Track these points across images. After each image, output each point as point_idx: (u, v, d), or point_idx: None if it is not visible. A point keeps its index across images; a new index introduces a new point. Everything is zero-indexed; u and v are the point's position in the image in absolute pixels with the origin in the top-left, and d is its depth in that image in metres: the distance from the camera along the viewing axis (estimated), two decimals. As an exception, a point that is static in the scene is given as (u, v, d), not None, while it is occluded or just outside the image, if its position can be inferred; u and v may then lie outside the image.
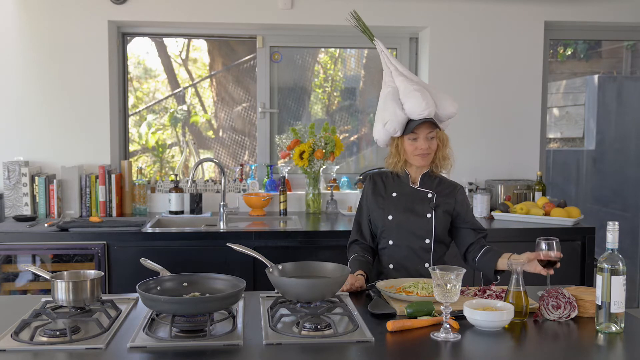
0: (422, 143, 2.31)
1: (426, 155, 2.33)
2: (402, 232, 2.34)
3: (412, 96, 2.29)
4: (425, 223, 2.33)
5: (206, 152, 4.22)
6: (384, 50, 2.51)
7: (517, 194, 3.71)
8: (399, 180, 2.41)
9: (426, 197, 2.37)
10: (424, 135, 2.31)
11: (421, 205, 2.35)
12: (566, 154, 4.93)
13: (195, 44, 4.22)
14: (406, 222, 2.34)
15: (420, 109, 2.27)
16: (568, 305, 1.84)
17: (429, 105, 2.27)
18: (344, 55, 4.25)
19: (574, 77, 4.79)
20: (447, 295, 1.70)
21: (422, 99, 2.27)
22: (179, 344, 1.61)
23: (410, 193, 2.38)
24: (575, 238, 3.27)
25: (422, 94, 2.29)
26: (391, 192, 2.40)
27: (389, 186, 2.41)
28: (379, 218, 2.38)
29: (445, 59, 3.84)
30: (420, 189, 2.39)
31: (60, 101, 3.63)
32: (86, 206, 3.55)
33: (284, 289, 1.87)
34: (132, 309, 1.93)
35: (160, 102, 4.22)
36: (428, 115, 2.29)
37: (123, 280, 3.02)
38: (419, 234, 2.33)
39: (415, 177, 2.41)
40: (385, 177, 2.44)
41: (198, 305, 1.71)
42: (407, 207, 2.36)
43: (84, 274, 1.92)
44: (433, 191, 2.38)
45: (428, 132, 2.31)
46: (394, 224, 2.35)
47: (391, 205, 2.37)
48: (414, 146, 2.32)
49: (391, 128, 2.32)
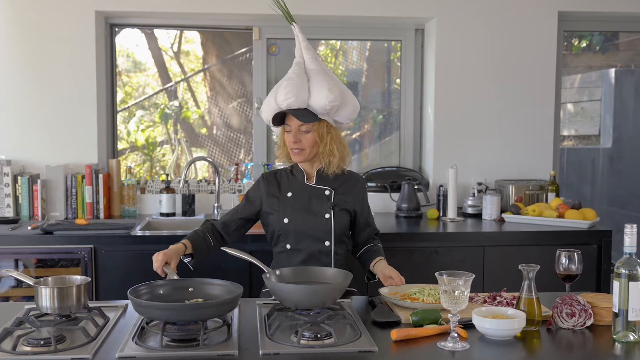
0: (291, 137, 2.33)
1: (300, 151, 2.33)
2: (299, 236, 2.32)
3: (281, 85, 2.33)
4: (323, 224, 2.32)
5: (199, 151, 4.22)
6: (299, 34, 2.50)
7: (529, 194, 3.71)
8: (294, 178, 2.40)
9: (323, 194, 2.36)
10: (295, 128, 2.32)
11: (319, 204, 2.34)
12: (581, 152, 4.94)
13: (187, 35, 4.22)
14: (303, 224, 2.32)
15: (280, 99, 2.30)
16: (583, 312, 1.84)
17: (289, 95, 2.28)
18: (346, 47, 4.25)
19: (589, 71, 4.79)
20: (454, 302, 1.70)
21: (284, 88, 2.29)
22: (170, 353, 1.61)
23: (306, 192, 2.37)
24: (591, 242, 3.27)
25: (289, 83, 2.30)
26: (286, 192, 2.37)
27: (283, 186, 2.39)
28: (274, 222, 2.35)
29: (452, 52, 3.84)
30: (316, 186, 2.37)
31: (44, 96, 3.63)
32: (72, 208, 3.55)
33: (281, 295, 1.87)
34: (121, 317, 1.93)
35: (150, 97, 4.22)
36: (288, 105, 2.29)
37: (111, 287, 3.03)
38: (318, 236, 2.32)
39: (311, 173, 2.40)
40: (279, 176, 2.42)
41: (193, 311, 1.71)
42: (303, 208, 2.34)
43: (69, 279, 1.92)
44: (330, 188, 2.36)
45: (300, 124, 2.31)
46: (290, 227, 2.32)
47: (287, 206, 2.34)
48: (288, 138, 2.35)
49: (264, 116, 2.41)
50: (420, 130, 4.10)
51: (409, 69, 4.06)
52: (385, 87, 4.23)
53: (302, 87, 2.31)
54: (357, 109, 2.43)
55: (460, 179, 3.70)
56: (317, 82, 2.34)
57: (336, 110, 2.35)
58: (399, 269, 2.45)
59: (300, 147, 2.33)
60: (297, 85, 2.31)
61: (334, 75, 2.44)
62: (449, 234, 3.28)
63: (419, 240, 3.23)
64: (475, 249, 3.21)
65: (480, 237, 3.27)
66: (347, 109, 2.37)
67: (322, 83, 2.33)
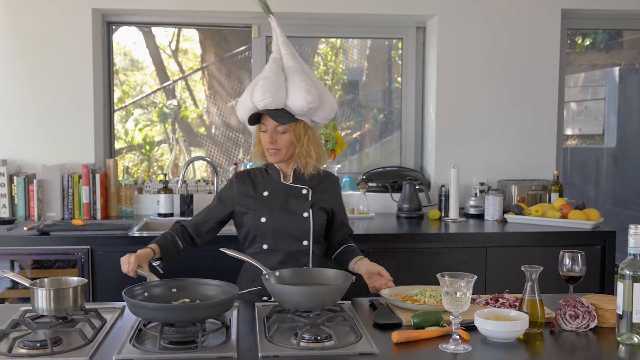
0: (267, 137, 2.32)
1: (276, 152, 2.32)
2: (277, 235, 2.30)
3: (258, 84, 2.30)
4: (302, 223, 2.31)
5: (197, 150, 4.22)
6: (276, 28, 2.46)
7: (531, 195, 3.71)
8: (269, 177, 2.39)
9: (301, 193, 2.35)
10: (271, 128, 2.31)
11: (296, 203, 2.33)
12: (585, 152, 4.94)
13: (185, 33, 4.22)
14: (282, 223, 2.30)
15: (257, 99, 2.28)
16: (587, 314, 1.84)
17: (266, 95, 2.25)
18: (346, 45, 4.25)
19: (593, 70, 4.79)
20: (456, 304, 1.70)
21: (260, 88, 2.27)
22: (168, 356, 1.61)
23: (283, 191, 2.35)
24: (595, 242, 3.27)
25: (266, 82, 2.27)
26: (262, 191, 2.35)
27: (259, 185, 2.37)
28: (250, 221, 2.32)
29: (454, 50, 3.84)
30: (293, 185, 2.37)
31: (40, 95, 3.62)
32: (68, 208, 3.55)
33: (281, 297, 1.87)
34: (118, 319, 1.93)
35: (148, 96, 4.22)
36: (265, 106, 2.27)
37: (108, 288, 3.02)
38: (296, 236, 2.30)
39: (287, 171, 2.39)
40: (253, 175, 2.40)
41: (188, 312, 1.71)
42: (281, 207, 2.32)
43: (66, 281, 1.92)
44: (308, 187, 2.36)
45: (276, 125, 2.30)
46: (268, 226, 2.30)
47: (263, 206, 2.32)
48: (264, 138, 2.34)
49: (239, 115, 2.39)
50: (422, 130, 4.10)
51: (410, 68, 4.06)
52: (386, 85, 4.23)
53: (280, 87, 2.29)
54: (335, 110, 2.42)
55: (462, 178, 3.70)
56: (295, 81, 2.31)
57: (314, 111, 2.33)
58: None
59: (276, 148, 2.32)
60: (274, 84, 2.28)
61: (312, 74, 2.42)
62: (451, 234, 3.28)
63: (420, 241, 3.23)
64: (477, 249, 3.21)
65: (482, 237, 3.27)
66: (324, 109, 2.36)
67: (300, 83, 2.30)
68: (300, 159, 2.34)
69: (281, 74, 2.34)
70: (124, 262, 2.08)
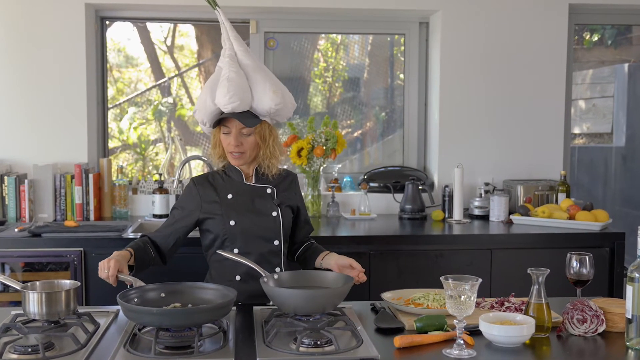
0: (232, 140, 2.29)
1: (240, 155, 2.31)
2: (248, 237, 2.30)
3: (221, 85, 2.27)
4: (272, 223, 2.32)
5: (194, 149, 4.22)
6: (225, 22, 2.44)
7: (538, 195, 3.71)
8: (230, 179, 2.38)
9: (265, 193, 2.36)
10: (236, 131, 2.29)
11: (263, 203, 2.34)
12: (593, 151, 4.94)
13: (181, 29, 4.22)
14: (251, 225, 2.30)
15: (224, 102, 2.25)
16: (595, 318, 1.84)
17: (234, 99, 2.23)
18: (347, 41, 4.25)
19: (601, 66, 4.79)
20: (460, 307, 1.70)
21: (227, 91, 2.24)
22: (163, 361, 1.61)
23: (247, 192, 2.35)
24: (603, 244, 3.27)
25: (232, 84, 2.25)
26: (225, 194, 2.34)
27: (220, 188, 2.35)
28: (217, 226, 2.31)
29: (458, 46, 3.84)
30: (257, 185, 2.37)
31: (32, 93, 3.63)
32: (61, 209, 3.55)
33: (280, 300, 1.87)
34: (112, 323, 1.93)
35: (143, 93, 4.22)
36: (232, 109, 2.26)
37: (102, 291, 3.02)
38: (267, 236, 2.32)
39: (248, 172, 2.39)
40: (212, 179, 2.38)
41: (184, 316, 1.71)
42: (248, 208, 2.32)
43: (58, 284, 1.92)
44: (272, 186, 2.38)
45: (241, 127, 2.29)
46: (237, 229, 2.29)
47: (230, 209, 2.31)
48: (226, 141, 2.32)
49: (199, 118, 2.36)
50: (425, 128, 4.10)
51: (413, 64, 4.06)
52: (388, 83, 4.23)
53: (245, 88, 2.28)
54: (295, 107, 2.43)
55: (467, 179, 3.70)
56: (258, 82, 2.31)
57: (279, 111, 2.34)
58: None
59: (241, 151, 2.31)
60: (239, 86, 2.26)
61: (269, 71, 2.42)
62: (455, 236, 3.28)
63: (424, 242, 3.23)
64: (482, 252, 3.21)
65: (487, 239, 3.27)
66: (287, 108, 2.37)
67: (264, 84, 2.30)
68: (264, 160, 2.36)
69: (242, 73, 2.33)
70: (102, 268, 2.02)
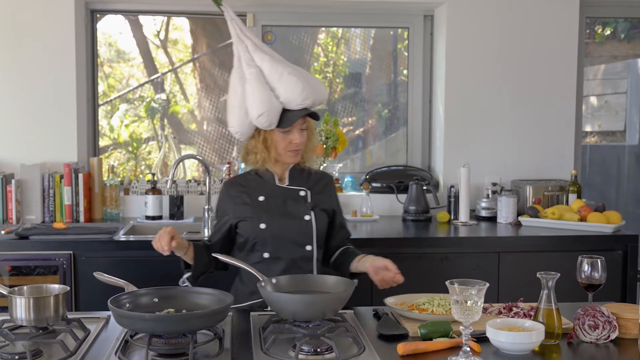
0: (297, 137, 2.28)
1: (299, 151, 2.32)
2: (279, 242, 2.29)
3: (289, 82, 2.25)
4: (304, 227, 2.30)
5: (188, 148, 4.22)
6: (234, 18, 2.45)
7: (548, 196, 3.71)
8: (262, 181, 2.36)
9: (299, 195, 2.34)
10: (298, 127, 2.29)
11: (296, 206, 2.32)
12: (605, 149, 4.93)
13: (175, 22, 4.23)
14: (283, 229, 2.29)
15: (300, 99, 2.24)
16: (607, 325, 1.84)
17: (309, 94, 2.24)
18: (348, 35, 4.25)
19: (614, 61, 4.79)
20: (467, 313, 1.70)
21: (302, 86, 2.24)
22: (156, 369, 1.62)
23: (280, 194, 2.34)
24: (616, 247, 3.27)
25: (300, 80, 2.25)
26: (257, 196, 2.33)
27: (252, 190, 2.35)
28: (247, 229, 2.31)
29: (464, 40, 3.84)
30: (290, 187, 2.36)
31: (19, 89, 3.62)
32: (49, 210, 3.55)
33: (278, 306, 1.87)
34: (103, 329, 1.93)
35: (135, 89, 4.22)
36: (309, 104, 2.27)
37: (92, 296, 3.02)
38: (299, 241, 2.30)
39: (282, 174, 2.38)
40: (244, 181, 2.38)
41: (178, 322, 1.71)
42: (280, 211, 2.31)
43: (46, 288, 1.92)
44: (306, 188, 2.36)
45: (302, 123, 2.30)
46: (268, 233, 2.28)
47: (261, 212, 2.30)
48: (287, 140, 2.28)
49: (266, 122, 2.26)
50: (430, 126, 4.10)
51: (417, 59, 4.06)
52: (391, 78, 4.23)
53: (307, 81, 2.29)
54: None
55: (473, 178, 3.70)
56: (305, 74, 2.35)
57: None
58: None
59: (301, 148, 2.32)
60: (307, 80, 2.28)
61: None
62: (461, 238, 3.28)
63: (428, 245, 3.23)
64: (489, 255, 3.21)
65: (494, 242, 3.27)
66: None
67: (312, 76, 2.35)
68: (308, 154, 2.37)
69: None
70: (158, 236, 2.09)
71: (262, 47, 2.38)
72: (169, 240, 2.08)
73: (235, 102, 2.32)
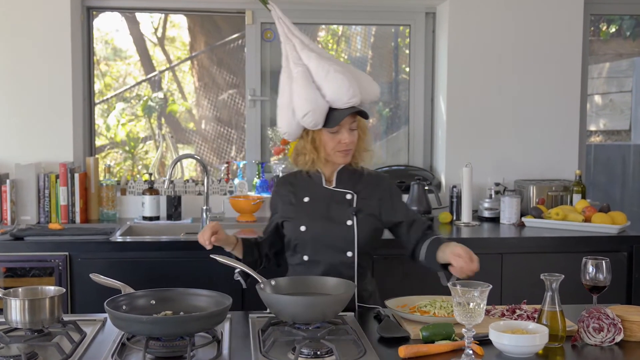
0: (347, 136, 2.24)
1: (349, 151, 2.28)
2: (318, 246, 2.27)
3: (335, 79, 2.22)
4: (345, 232, 2.26)
5: (186, 148, 4.22)
6: (282, 17, 2.43)
7: (552, 196, 3.71)
8: (311, 180, 2.34)
9: (345, 199, 2.30)
10: (347, 127, 2.25)
11: (339, 210, 2.29)
12: (610, 149, 4.94)
13: (173, 19, 4.23)
14: (323, 232, 2.26)
15: (347, 96, 2.21)
16: (612, 327, 1.84)
17: (356, 91, 2.22)
18: (349, 33, 4.25)
19: (619, 59, 4.79)
20: (469, 315, 1.70)
21: (348, 83, 2.21)
22: (153, 373, 1.62)
23: (325, 196, 2.31)
24: (621, 248, 3.27)
25: (347, 77, 2.23)
26: (302, 196, 2.32)
27: (300, 190, 2.34)
28: (290, 230, 2.30)
29: (467, 38, 3.84)
30: (337, 189, 2.32)
31: (13, 87, 3.62)
32: (45, 211, 3.55)
33: (277, 308, 1.87)
34: (99, 332, 1.93)
35: (132, 88, 4.22)
36: (355, 102, 2.24)
37: (88, 298, 3.02)
38: (339, 246, 2.26)
39: (330, 175, 2.34)
40: (295, 179, 2.37)
41: (176, 325, 1.71)
42: (322, 214, 2.28)
43: (42, 290, 1.92)
44: (353, 191, 2.31)
45: (352, 121, 2.26)
46: (308, 235, 2.27)
47: (303, 213, 2.30)
48: (336, 140, 2.25)
49: (312, 121, 2.23)
50: (431, 125, 4.10)
51: (419, 57, 4.06)
52: (392, 77, 4.23)
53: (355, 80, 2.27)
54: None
55: (476, 178, 3.70)
56: (358, 73, 2.34)
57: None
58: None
59: (351, 147, 2.28)
60: (354, 78, 2.26)
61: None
62: (463, 239, 3.27)
63: (430, 246, 3.23)
64: (492, 256, 3.21)
65: (497, 243, 3.27)
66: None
67: (362, 73, 2.35)
68: (361, 154, 2.33)
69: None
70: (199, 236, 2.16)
71: (309, 45, 2.35)
72: (210, 235, 2.13)
73: (283, 102, 2.31)
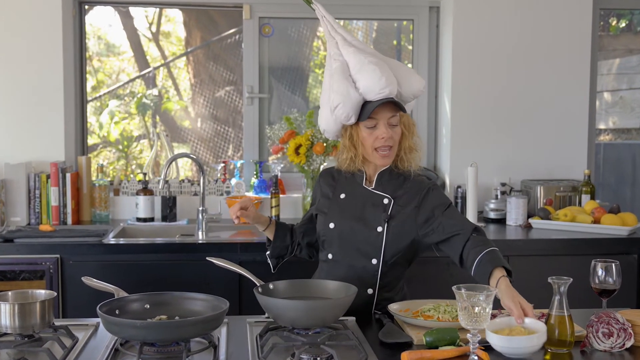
0: (384, 131, 2.19)
1: (389, 149, 2.22)
2: (344, 246, 2.26)
3: (368, 70, 2.20)
4: (373, 238, 2.23)
5: (181, 146, 4.22)
6: (325, 15, 2.45)
7: (559, 197, 3.71)
8: (352, 177, 2.33)
9: (381, 202, 2.26)
10: (385, 121, 2.21)
11: (373, 213, 2.25)
12: (620, 148, 4.94)
13: (168, 14, 4.23)
14: (350, 233, 2.24)
15: (379, 87, 2.18)
16: (622, 332, 1.84)
17: (389, 81, 2.19)
18: (350, 28, 4.25)
19: (629, 55, 4.79)
20: (474, 320, 1.70)
21: (380, 73, 2.18)
22: (148, 379, 1.62)
23: (362, 196, 2.29)
24: (631, 251, 3.27)
25: (380, 68, 2.20)
26: (340, 192, 2.32)
27: (339, 185, 2.34)
28: (321, 224, 2.31)
29: (472, 33, 3.84)
30: (375, 191, 2.28)
31: (3, 84, 3.62)
32: (35, 212, 3.55)
33: (276, 312, 1.87)
34: (92, 337, 1.93)
35: (125, 84, 4.22)
36: (389, 93, 2.19)
37: (80, 302, 3.03)
38: (365, 251, 2.23)
39: (372, 174, 2.31)
40: (338, 173, 2.36)
41: (171, 330, 1.71)
42: (354, 215, 2.26)
43: (32, 294, 1.92)
44: (391, 196, 2.26)
45: (390, 116, 2.22)
46: (335, 234, 2.27)
47: (336, 210, 2.29)
48: (373, 136, 2.21)
49: (343, 113, 2.20)
50: (435, 123, 4.10)
51: (422, 53, 4.06)
52: (394, 73, 4.23)
53: (391, 71, 2.25)
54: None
55: (481, 178, 3.70)
56: (400, 66, 2.33)
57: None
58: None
59: (391, 144, 2.22)
60: (388, 69, 2.23)
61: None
62: (468, 242, 3.28)
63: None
64: (498, 259, 3.21)
65: (503, 245, 3.26)
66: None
67: (406, 68, 2.36)
68: (407, 154, 2.28)
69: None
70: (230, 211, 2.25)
71: (352, 42, 2.34)
72: (237, 210, 2.21)
73: (324, 99, 2.32)
